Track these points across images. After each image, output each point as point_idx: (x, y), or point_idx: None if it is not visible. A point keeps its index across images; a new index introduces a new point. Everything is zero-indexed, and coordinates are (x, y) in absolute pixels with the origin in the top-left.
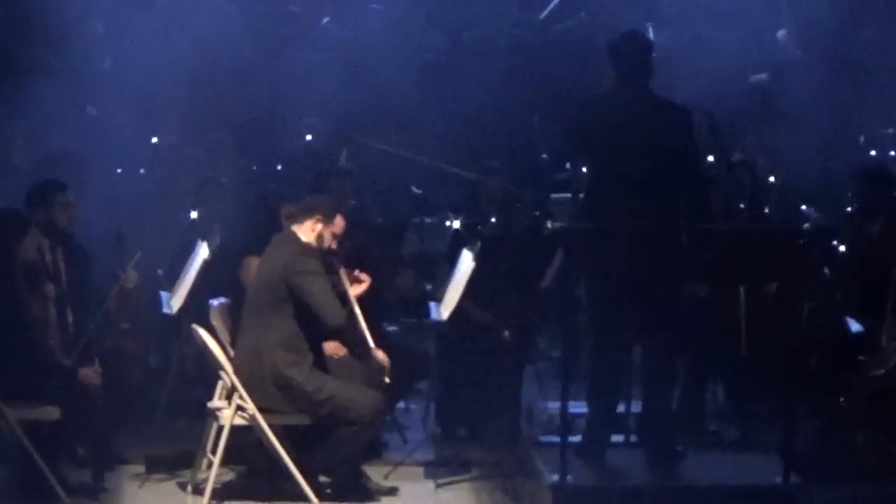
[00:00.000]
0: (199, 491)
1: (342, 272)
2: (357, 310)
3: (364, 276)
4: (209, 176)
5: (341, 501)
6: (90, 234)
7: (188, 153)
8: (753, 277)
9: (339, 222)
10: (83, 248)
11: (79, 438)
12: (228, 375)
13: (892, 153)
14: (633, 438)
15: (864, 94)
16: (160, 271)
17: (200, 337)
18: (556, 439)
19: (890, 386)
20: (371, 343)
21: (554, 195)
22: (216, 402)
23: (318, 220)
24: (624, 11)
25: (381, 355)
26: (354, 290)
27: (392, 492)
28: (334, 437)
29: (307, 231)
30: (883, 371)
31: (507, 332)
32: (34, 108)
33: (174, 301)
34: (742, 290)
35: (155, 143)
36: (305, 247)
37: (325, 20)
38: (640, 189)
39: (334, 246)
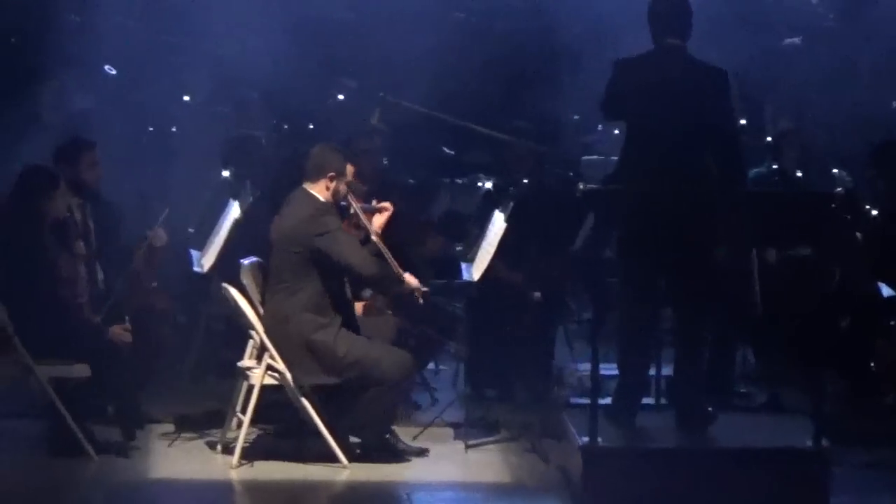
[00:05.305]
0: (228, 450)
1: (358, 209)
2: (381, 244)
3: (385, 205)
4: (245, 134)
5: (371, 462)
6: (121, 193)
7: (219, 111)
8: (785, 241)
9: (349, 170)
10: (112, 206)
11: (108, 396)
12: (259, 335)
13: None
14: (663, 401)
15: None
16: (191, 230)
17: (231, 296)
18: (587, 401)
19: None
20: (398, 270)
21: (585, 157)
22: (246, 362)
23: (332, 178)
24: None
25: (409, 277)
26: (377, 221)
27: (422, 452)
28: (364, 398)
29: (321, 189)
30: None
31: (537, 294)
32: (63, 65)
33: (205, 260)
34: (774, 253)
35: (186, 102)
36: (321, 206)
37: None
38: (675, 152)
39: (348, 193)
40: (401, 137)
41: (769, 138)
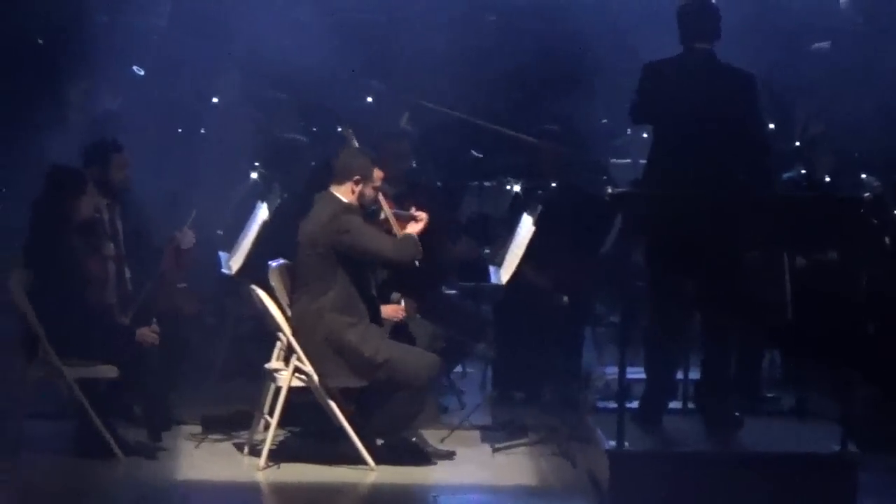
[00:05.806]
0: (255, 452)
1: (390, 214)
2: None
3: (420, 214)
4: (288, 137)
5: (397, 464)
6: (149, 194)
7: (248, 113)
8: (813, 246)
9: (376, 174)
10: (140, 208)
11: (136, 398)
12: (286, 336)
13: None
14: (690, 405)
15: None
16: (219, 231)
17: (259, 298)
18: (614, 405)
19: None
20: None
21: (614, 160)
22: (274, 364)
23: (358, 181)
24: None
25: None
26: (412, 230)
27: (449, 455)
28: (390, 400)
29: (347, 192)
30: None
31: (565, 297)
32: (91, 66)
33: (233, 261)
34: (802, 258)
35: (215, 103)
36: (345, 207)
37: None
38: (703, 155)
39: (376, 195)
40: (429, 140)
41: (798, 143)
